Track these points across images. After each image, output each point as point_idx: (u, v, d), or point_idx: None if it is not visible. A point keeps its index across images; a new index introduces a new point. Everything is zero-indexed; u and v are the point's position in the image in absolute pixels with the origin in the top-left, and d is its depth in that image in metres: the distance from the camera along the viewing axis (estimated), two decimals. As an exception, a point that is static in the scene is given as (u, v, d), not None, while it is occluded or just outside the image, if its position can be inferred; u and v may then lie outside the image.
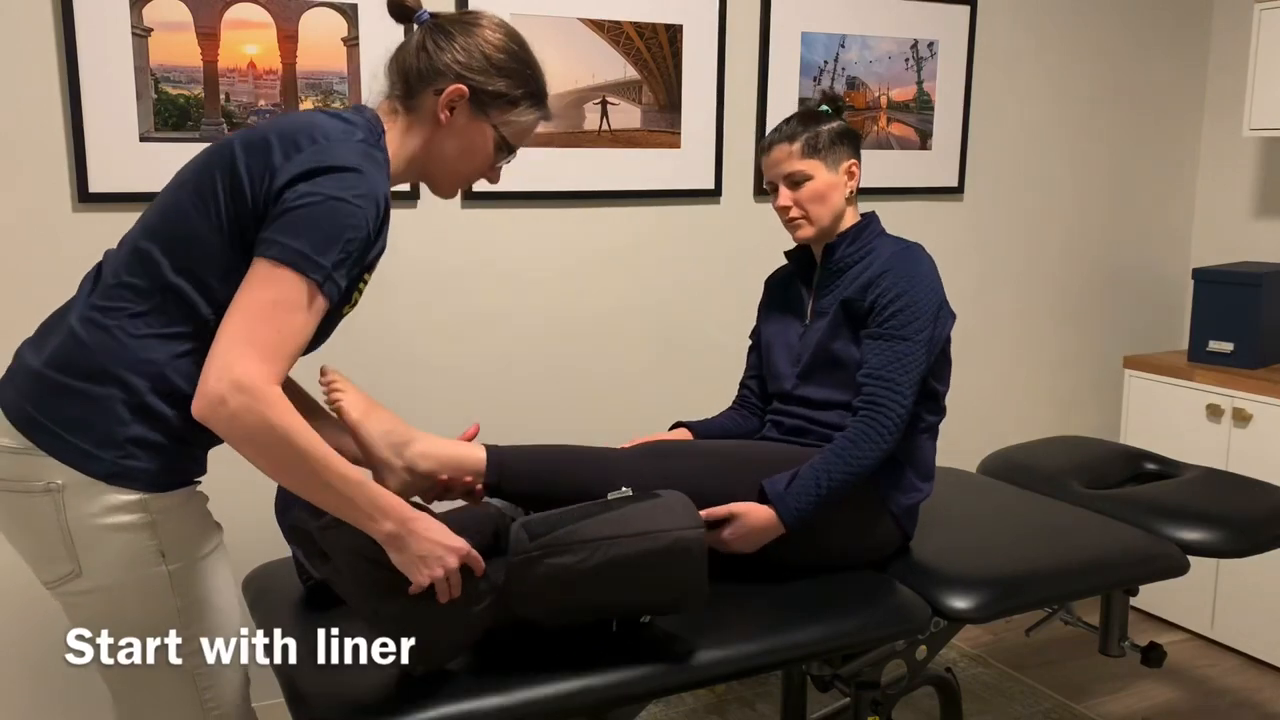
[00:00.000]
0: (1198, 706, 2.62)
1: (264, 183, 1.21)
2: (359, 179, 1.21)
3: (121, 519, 1.20)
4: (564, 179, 2.43)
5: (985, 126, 2.95)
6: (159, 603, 1.23)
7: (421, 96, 1.36)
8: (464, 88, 1.34)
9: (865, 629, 1.64)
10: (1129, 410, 3.07)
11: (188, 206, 1.24)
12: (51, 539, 1.20)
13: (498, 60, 1.36)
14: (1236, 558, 2.12)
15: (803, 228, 1.81)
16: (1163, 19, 3.18)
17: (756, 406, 1.98)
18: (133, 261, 1.24)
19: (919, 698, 2.16)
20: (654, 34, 2.47)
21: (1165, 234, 3.33)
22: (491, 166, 1.44)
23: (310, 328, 1.20)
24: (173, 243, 1.23)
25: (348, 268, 1.21)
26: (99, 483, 1.19)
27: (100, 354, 1.21)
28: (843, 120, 1.84)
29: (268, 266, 1.17)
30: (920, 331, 1.70)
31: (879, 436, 1.65)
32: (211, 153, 1.28)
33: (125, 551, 1.21)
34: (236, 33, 2.09)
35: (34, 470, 1.19)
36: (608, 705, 1.45)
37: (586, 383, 2.55)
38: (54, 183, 2.00)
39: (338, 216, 1.19)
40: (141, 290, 1.23)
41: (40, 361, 1.23)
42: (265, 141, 1.23)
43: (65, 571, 1.21)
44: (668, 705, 2.47)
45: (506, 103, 1.38)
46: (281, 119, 1.30)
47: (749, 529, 1.62)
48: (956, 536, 1.91)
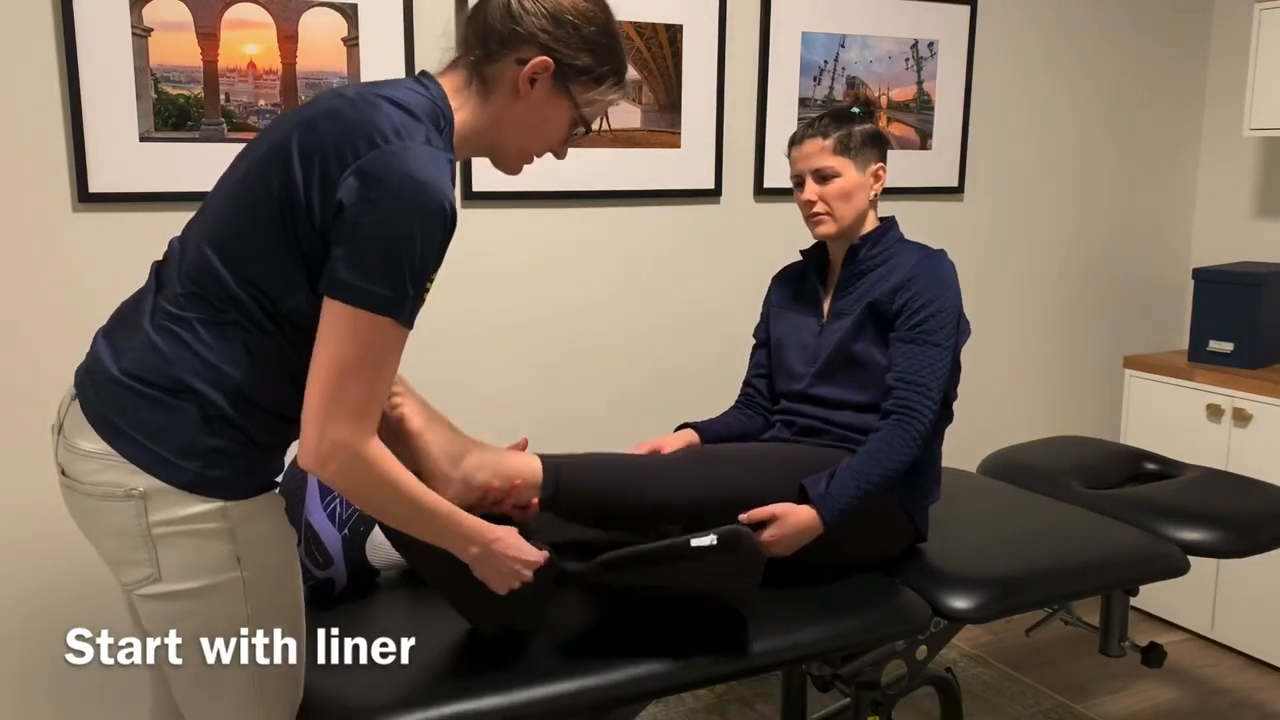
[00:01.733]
0: (1198, 706, 2.62)
1: (323, 193, 1.15)
2: (428, 195, 1.14)
3: (202, 526, 1.20)
4: (564, 179, 2.43)
5: (985, 126, 2.95)
6: (231, 608, 1.23)
7: (501, 63, 1.26)
8: (550, 60, 1.25)
9: (865, 629, 1.64)
10: (1129, 410, 3.07)
11: (243, 213, 1.20)
12: (133, 543, 1.20)
13: (587, 32, 1.26)
14: (1236, 558, 2.12)
15: (825, 224, 1.82)
16: (1163, 19, 3.18)
17: (762, 406, 1.98)
18: (198, 271, 1.21)
19: (919, 698, 2.16)
20: (654, 34, 2.47)
21: (1165, 234, 3.33)
22: (563, 142, 1.35)
23: (396, 365, 1.21)
24: (231, 252, 1.20)
25: (424, 286, 1.20)
26: (181, 491, 1.19)
27: (177, 365, 1.19)
28: (874, 124, 1.85)
29: (347, 312, 1.14)
30: (949, 338, 1.72)
31: (911, 440, 1.67)
32: (270, 153, 1.20)
33: (204, 557, 1.21)
34: (236, 33, 2.08)
35: (118, 477, 1.19)
36: (608, 705, 1.45)
37: (586, 382, 2.55)
38: (54, 183, 2.00)
39: (411, 245, 1.14)
40: (210, 301, 1.20)
41: (119, 368, 1.22)
42: (323, 144, 1.16)
43: (144, 575, 1.21)
44: (668, 705, 2.47)
45: (591, 79, 1.29)
46: (340, 108, 1.19)
47: (790, 529, 1.62)
48: (957, 536, 1.91)
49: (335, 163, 1.15)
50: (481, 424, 2.45)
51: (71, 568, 2.04)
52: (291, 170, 1.17)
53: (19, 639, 2.07)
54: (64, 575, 2.06)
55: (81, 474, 1.22)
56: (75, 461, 1.22)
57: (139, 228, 2.06)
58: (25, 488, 2.01)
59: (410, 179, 1.14)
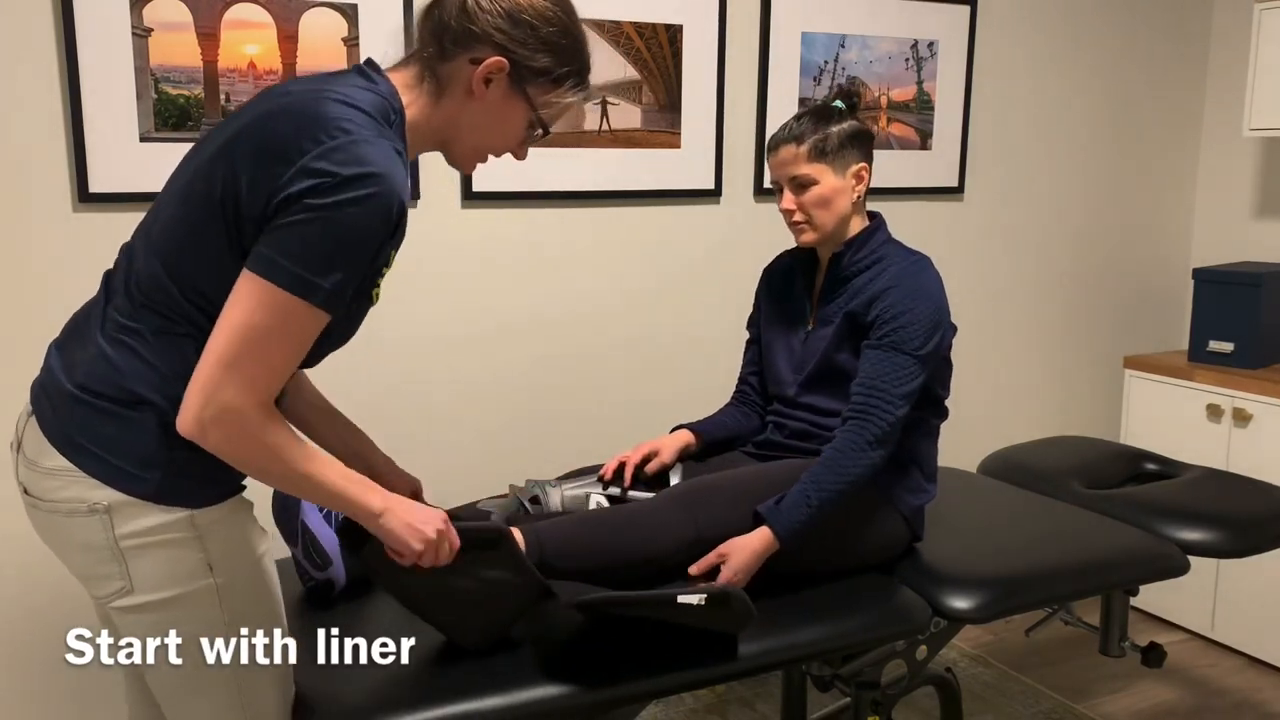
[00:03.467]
0: (1198, 706, 2.62)
1: (270, 193, 1.11)
2: (372, 186, 1.11)
3: (170, 536, 1.19)
4: (564, 179, 2.43)
5: (985, 126, 2.95)
6: (207, 614, 1.22)
7: (455, 62, 1.23)
8: (505, 61, 1.22)
9: (865, 629, 1.64)
10: (1129, 410, 3.07)
11: (190, 218, 1.17)
12: (102, 557, 1.20)
13: (546, 33, 1.23)
14: (1236, 558, 2.12)
15: (805, 233, 1.78)
16: (1163, 19, 3.18)
17: (757, 404, 1.97)
18: (147, 282, 1.20)
19: (919, 698, 2.16)
20: (654, 34, 2.46)
21: (1165, 234, 3.33)
22: (520, 144, 1.32)
23: (303, 348, 1.16)
24: (178, 263, 1.18)
25: (356, 279, 1.15)
26: (145, 502, 1.18)
27: (131, 377, 1.18)
28: (856, 119, 1.79)
29: (257, 283, 1.10)
30: (920, 348, 1.68)
31: (867, 445, 1.64)
32: (215, 156, 1.17)
33: (174, 567, 1.20)
34: (236, 33, 2.08)
35: (81, 492, 1.18)
36: (608, 705, 1.45)
37: (586, 382, 2.55)
38: (54, 183, 2.00)
39: (345, 233, 1.11)
40: (160, 312, 1.19)
41: (73, 383, 1.20)
42: (269, 144, 1.13)
43: (117, 588, 1.21)
44: (668, 705, 2.47)
45: (550, 81, 1.26)
46: (286, 106, 1.16)
47: (744, 561, 1.59)
48: (957, 537, 1.91)
49: (282, 162, 1.11)
50: (481, 423, 2.46)
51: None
52: (237, 172, 1.13)
53: (19, 639, 2.07)
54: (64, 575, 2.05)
55: (45, 491, 1.21)
56: (38, 480, 1.21)
57: (139, 228, 2.06)
58: (25, 488, 2.01)
59: (359, 169, 1.11)
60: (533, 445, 2.49)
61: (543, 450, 2.45)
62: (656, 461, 1.82)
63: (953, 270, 2.92)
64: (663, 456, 1.83)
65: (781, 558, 1.62)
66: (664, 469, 1.82)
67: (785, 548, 1.60)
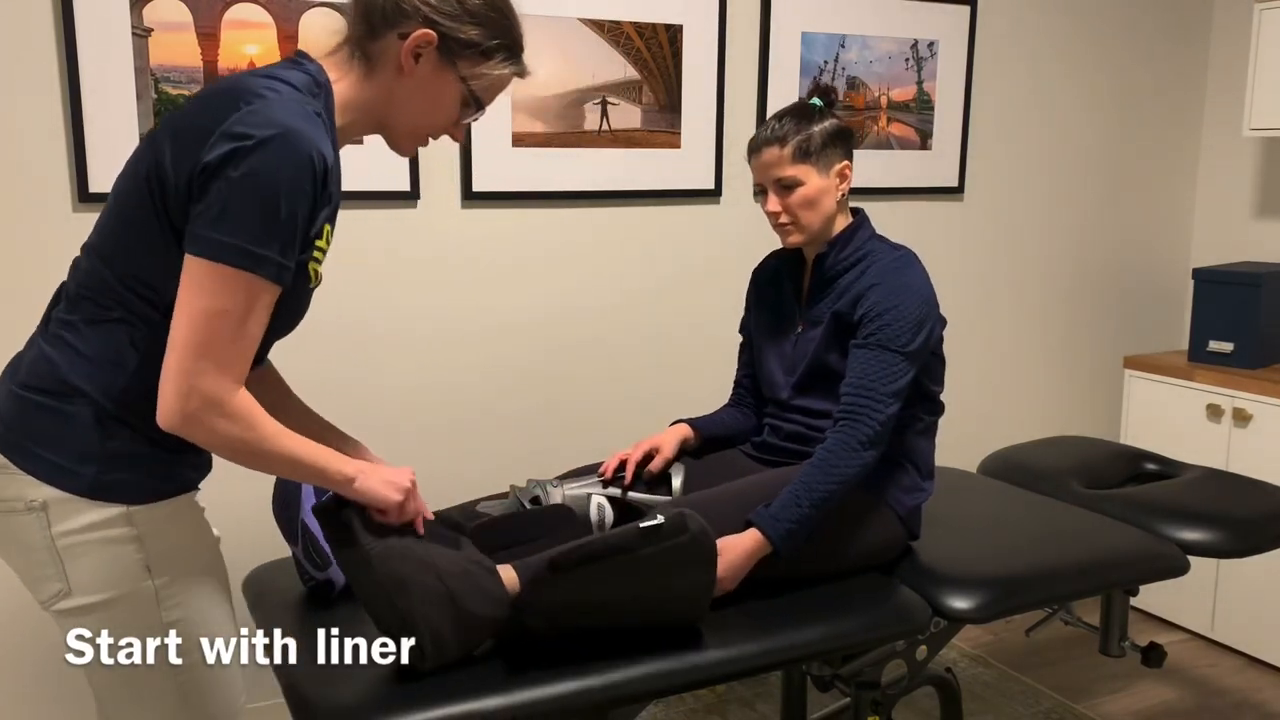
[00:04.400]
0: (1198, 706, 2.62)
1: (191, 163, 1.12)
2: (287, 141, 1.11)
3: (106, 534, 1.18)
4: (564, 179, 2.43)
5: (985, 126, 2.95)
6: (146, 618, 1.21)
7: (384, 40, 1.24)
8: (432, 33, 1.23)
9: (865, 629, 1.64)
10: (1129, 410, 3.07)
11: (121, 209, 1.19)
12: (40, 557, 1.19)
13: (472, 5, 1.25)
14: (1236, 558, 2.12)
15: (792, 234, 1.78)
16: (1163, 19, 3.18)
17: (752, 405, 1.97)
18: (85, 275, 1.21)
19: (919, 698, 2.16)
20: (654, 34, 2.47)
21: (1165, 234, 3.33)
22: (455, 124, 1.32)
23: (264, 322, 1.16)
24: (112, 250, 1.19)
25: (296, 245, 1.15)
26: (81, 499, 1.17)
27: (64, 368, 1.18)
28: (835, 117, 1.78)
29: (206, 267, 1.10)
30: (907, 345, 1.67)
31: (858, 446, 1.63)
32: (142, 148, 1.20)
33: (111, 567, 1.19)
34: (236, 33, 2.08)
35: (16, 489, 1.17)
36: (608, 705, 1.45)
37: (585, 381, 2.55)
38: (54, 183, 2.00)
39: (272, 192, 1.10)
40: (94, 301, 1.19)
41: (16, 382, 1.21)
42: (185, 122, 1.15)
43: (55, 590, 1.20)
44: (668, 705, 2.48)
45: (479, 54, 1.26)
46: (204, 92, 1.21)
47: (735, 560, 1.58)
48: (957, 537, 1.91)
49: (200, 131, 1.12)
50: (481, 423, 2.46)
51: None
52: (161, 150, 1.15)
53: (19, 639, 2.07)
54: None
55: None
56: None
57: (139, 228, 2.06)
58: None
59: (274, 128, 1.11)
60: (532, 445, 2.49)
61: (543, 450, 2.45)
62: (659, 459, 1.81)
63: (953, 270, 2.94)
64: (664, 452, 1.83)
65: (776, 563, 1.61)
66: (666, 465, 1.82)
67: (779, 552, 1.60)
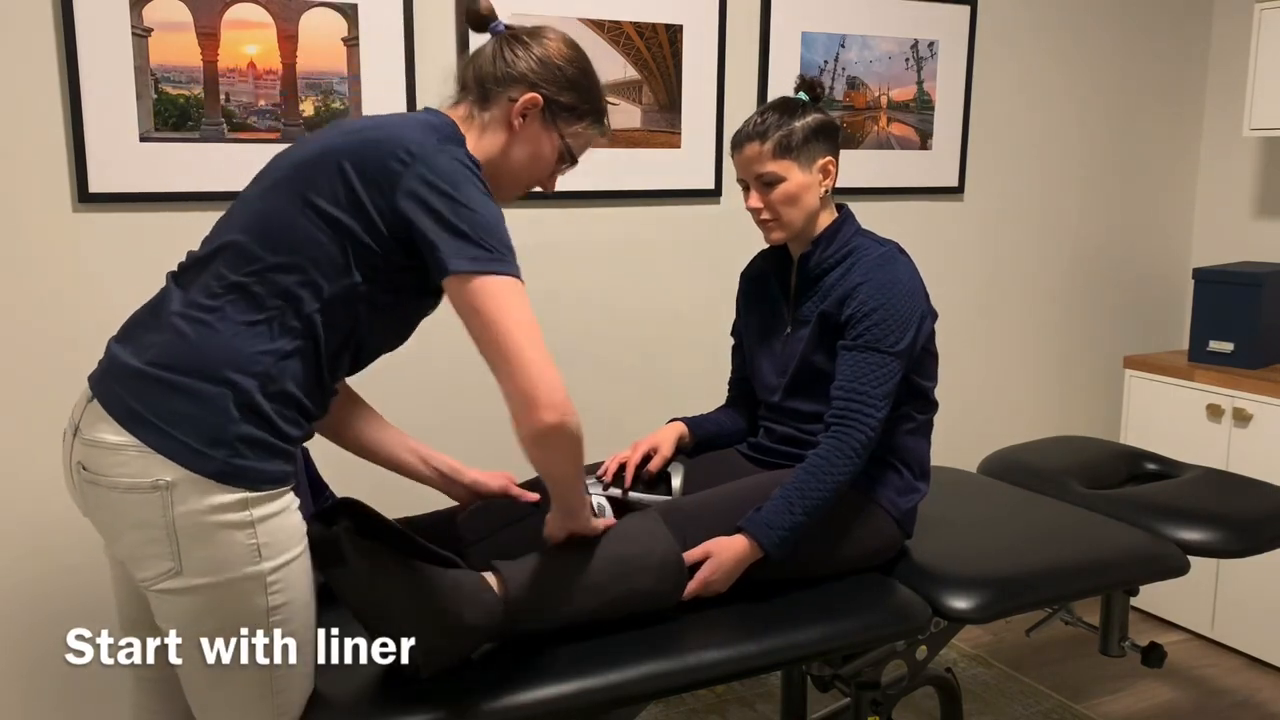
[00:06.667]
0: (1198, 706, 2.62)
1: (386, 191, 1.27)
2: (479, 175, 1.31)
3: (227, 517, 1.20)
4: (564, 179, 2.42)
5: (985, 126, 2.95)
6: (250, 602, 1.23)
7: (496, 102, 1.42)
8: (539, 96, 1.41)
9: (865, 629, 1.64)
10: (1129, 410, 3.07)
11: (293, 211, 1.27)
12: (155, 535, 1.20)
13: (570, 73, 1.44)
14: (1236, 558, 2.12)
15: (774, 231, 1.76)
16: (1163, 19, 3.18)
17: (746, 407, 1.96)
18: (237, 260, 1.26)
19: (919, 698, 2.16)
20: (654, 34, 2.47)
21: (1165, 234, 3.33)
22: (551, 174, 1.52)
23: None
24: (279, 245, 1.26)
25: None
26: (208, 480, 1.19)
27: (209, 352, 1.22)
28: (820, 111, 1.76)
29: (479, 283, 1.26)
30: (896, 344, 1.64)
31: (851, 451, 1.61)
32: (311, 161, 1.30)
33: (227, 549, 1.21)
34: (236, 33, 2.09)
35: (145, 467, 1.19)
36: (608, 705, 1.45)
37: (584, 381, 2.54)
38: (54, 183, 2.00)
39: (487, 212, 1.28)
40: (248, 289, 1.25)
41: (143, 361, 1.23)
42: (370, 149, 1.29)
43: (165, 569, 1.21)
44: (668, 705, 2.48)
45: (574, 116, 1.46)
46: (371, 126, 1.35)
47: (725, 563, 1.57)
48: (957, 537, 1.91)
49: (393, 160, 1.27)
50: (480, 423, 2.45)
51: (72, 568, 2.04)
52: (348, 176, 1.27)
53: (19, 639, 2.07)
54: (64, 575, 2.06)
55: (105, 468, 1.22)
56: (99, 456, 1.22)
57: (139, 228, 2.06)
58: (26, 487, 2.01)
59: (460, 165, 1.30)
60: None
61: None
62: (658, 459, 1.81)
63: (953, 270, 2.94)
64: (663, 451, 1.82)
65: (769, 566, 1.60)
66: (664, 464, 1.82)
67: (772, 558, 1.59)
